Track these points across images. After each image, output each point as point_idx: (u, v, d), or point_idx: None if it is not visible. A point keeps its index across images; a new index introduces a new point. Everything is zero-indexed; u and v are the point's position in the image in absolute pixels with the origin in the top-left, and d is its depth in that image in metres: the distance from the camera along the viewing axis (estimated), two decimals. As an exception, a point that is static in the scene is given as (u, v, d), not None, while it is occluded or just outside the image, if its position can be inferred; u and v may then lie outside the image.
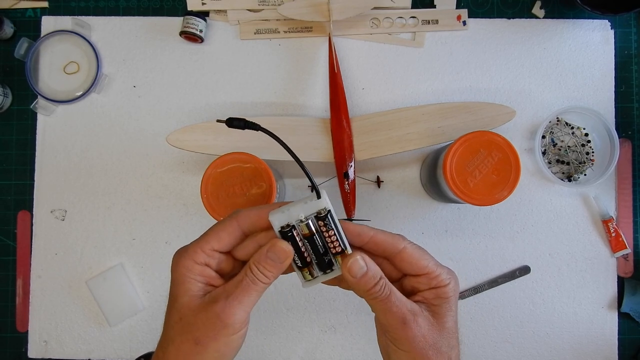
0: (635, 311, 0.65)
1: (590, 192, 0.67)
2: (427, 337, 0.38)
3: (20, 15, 0.69)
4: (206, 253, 0.39)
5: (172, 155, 0.67)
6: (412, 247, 0.40)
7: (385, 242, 0.40)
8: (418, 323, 0.38)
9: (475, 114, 0.63)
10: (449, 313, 0.40)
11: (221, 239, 0.39)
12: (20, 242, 0.67)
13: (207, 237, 0.39)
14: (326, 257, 0.39)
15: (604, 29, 0.68)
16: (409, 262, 0.39)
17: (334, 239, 0.39)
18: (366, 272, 0.38)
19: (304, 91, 0.68)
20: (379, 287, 0.38)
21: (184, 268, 0.38)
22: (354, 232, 0.40)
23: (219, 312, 0.37)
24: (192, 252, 0.39)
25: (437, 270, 0.39)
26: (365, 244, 0.40)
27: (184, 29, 0.66)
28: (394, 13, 0.68)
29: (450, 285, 0.40)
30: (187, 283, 0.38)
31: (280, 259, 0.38)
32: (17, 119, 0.68)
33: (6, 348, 0.67)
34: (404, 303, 0.39)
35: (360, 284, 0.38)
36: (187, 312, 0.38)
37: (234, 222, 0.39)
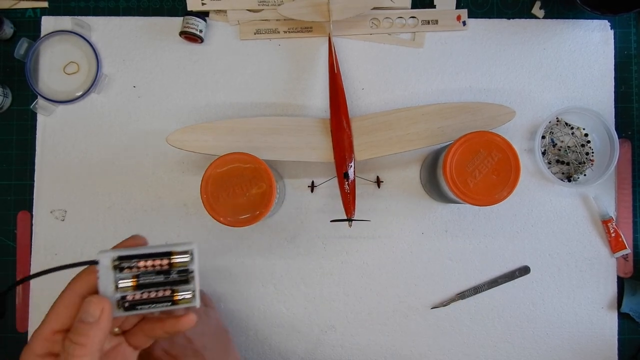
0: (635, 311, 0.65)
1: (590, 192, 0.67)
2: None
3: (20, 15, 0.69)
4: (48, 339, 0.33)
5: (172, 155, 0.67)
6: None
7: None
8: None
9: (475, 114, 0.63)
10: None
11: (60, 315, 0.34)
12: (20, 242, 0.67)
13: (45, 319, 0.34)
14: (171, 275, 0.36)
15: (603, 29, 0.68)
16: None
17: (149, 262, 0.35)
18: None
19: (304, 91, 0.68)
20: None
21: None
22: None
23: None
24: (32, 343, 0.33)
25: None
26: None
27: (184, 29, 0.66)
28: (393, 13, 0.68)
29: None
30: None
31: (93, 315, 0.32)
32: (17, 119, 0.68)
33: (6, 348, 0.67)
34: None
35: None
36: None
37: (69, 292, 0.35)
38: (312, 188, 0.67)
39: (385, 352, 0.66)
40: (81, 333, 0.32)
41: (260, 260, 0.66)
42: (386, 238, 0.67)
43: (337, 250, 0.67)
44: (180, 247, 0.36)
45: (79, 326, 0.32)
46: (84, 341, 0.32)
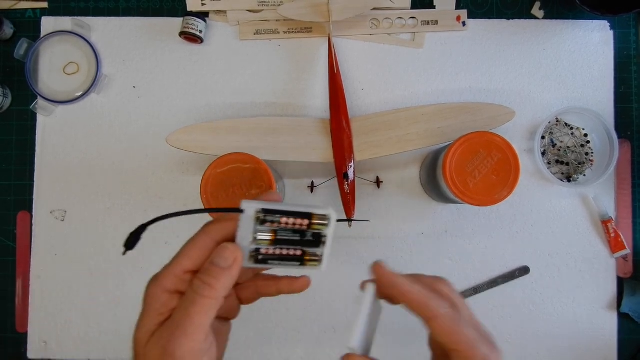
0: (634, 311, 0.65)
1: (590, 192, 0.67)
2: None
3: (20, 15, 0.69)
4: (178, 277, 0.34)
5: (172, 156, 0.67)
6: (445, 319, 0.36)
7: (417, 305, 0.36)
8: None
9: (474, 115, 0.63)
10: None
11: (192, 256, 0.34)
12: (20, 242, 0.67)
13: (177, 258, 0.35)
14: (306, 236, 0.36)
15: (603, 29, 0.69)
16: (439, 333, 0.36)
17: (291, 219, 0.35)
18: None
19: (304, 92, 0.68)
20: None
21: (149, 297, 0.34)
22: (388, 282, 0.37)
23: (165, 346, 0.32)
24: (162, 277, 0.34)
25: (470, 350, 0.35)
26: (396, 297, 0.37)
27: (184, 30, 0.66)
28: (393, 14, 0.68)
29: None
30: (147, 315, 0.34)
31: (227, 261, 0.33)
32: (16, 120, 0.68)
33: (6, 348, 0.67)
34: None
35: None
36: (139, 349, 0.34)
37: (204, 236, 0.35)
38: (312, 188, 0.67)
39: (385, 352, 0.66)
40: (213, 275, 0.33)
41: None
42: (386, 238, 0.67)
43: (337, 251, 0.67)
44: (320, 211, 0.35)
45: (211, 269, 0.33)
46: (214, 283, 0.33)
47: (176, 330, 0.32)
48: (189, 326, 0.32)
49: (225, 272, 0.33)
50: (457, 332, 0.36)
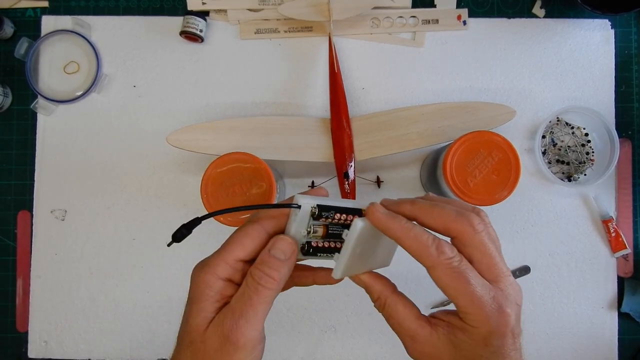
0: (635, 311, 0.65)
1: (590, 192, 0.67)
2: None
3: (20, 14, 0.69)
4: (230, 265, 0.35)
5: (172, 155, 0.67)
6: (444, 269, 0.33)
7: (413, 253, 0.34)
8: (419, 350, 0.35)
9: (475, 114, 0.63)
10: (476, 355, 0.33)
11: (246, 246, 0.35)
12: (20, 242, 0.67)
13: (229, 246, 0.35)
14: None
15: (604, 28, 0.68)
16: (437, 284, 0.34)
17: (343, 217, 0.36)
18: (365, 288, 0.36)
19: (304, 91, 0.68)
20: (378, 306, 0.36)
21: (203, 284, 0.34)
22: (383, 229, 0.35)
23: (227, 334, 0.33)
24: (214, 265, 0.35)
25: (469, 307, 0.33)
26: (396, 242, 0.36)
27: (184, 29, 0.66)
28: (394, 13, 0.68)
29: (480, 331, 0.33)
30: (203, 302, 0.34)
31: (285, 253, 0.34)
32: (17, 119, 0.68)
33: (6, 348, 0.67)
34: (404, 327, 0.35)
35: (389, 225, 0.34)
36: (196, 336, 0.34)
37: (256, 225, 0.36)
38: (312, 188, 0.67)
39: (385, 352, 0.66)
40: (273, 267, 0.34)
41: (260, 260, 0.66)
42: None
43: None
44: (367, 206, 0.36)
45: (271, 260, 0.34)
46: (275, 275, 0.34)
47: (240, 319, 0.33)
48: (252, 315, 0.34)
49: (284, 264, 0.34)
50: (457, 287, 0.33)
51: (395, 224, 0.34)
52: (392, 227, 0.34)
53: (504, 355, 0.34)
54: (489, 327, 0.33)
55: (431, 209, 0.35)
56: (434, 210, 0.35)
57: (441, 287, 0.34)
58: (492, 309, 0.33)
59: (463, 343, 0.34)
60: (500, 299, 0.33)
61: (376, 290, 0.37)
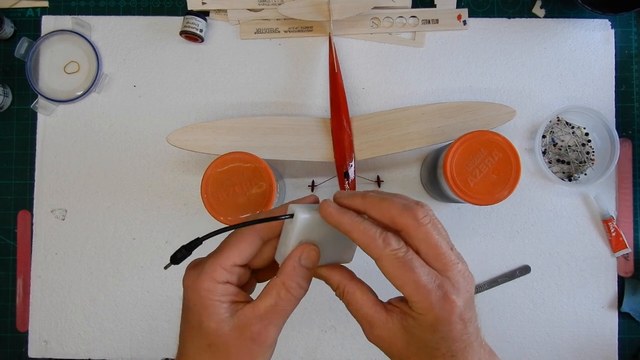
0: (635, 311, 0.65)
1: (591, 191, 0.67)
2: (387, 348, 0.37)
3: (21, 14, 0.69)
4: (227, 270, 0.36)
5: (172, 155, 0.67)
6: (389, 260, 0.34)
7: (362, 245, 0.35)
8: (376, 334, 0.37)
9: (475, 114, 0.63)
10: (428, 341, 0.35)
11: (242, 251, 0.36)
12: (20, 241, 0.67)
13: (226, 251, 0.36)
14: None
15: (604, 28, 0.68)
16: (385, 274, 0.35)
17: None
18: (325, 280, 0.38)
19: (304, 91, 0.68)
20: (338, 295, 0.38)
21: (204, 291, 0.35)
22: (333, 223, 0.36)
23: (255, 336, 0.35)
24: (212, 270, 0.35)
25: (414, 296, 0.34)
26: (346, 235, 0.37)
27: (184, 29, 0.66)
28: (394, 12, 0.68)
29: (426, 317, 0.34)
30: (212, 307, 0.35)
31: (314, 262, 0.37)
32: (17, 119, 0.68)
33: (6, 348, 0.67)
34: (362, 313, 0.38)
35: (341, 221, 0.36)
36: (216, 339, 0.35)
37: (252, 230, 0.37)
38: (312, 187, 0.67)
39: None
40: (305, 277, 0.37)
41: (260, 260, 0.66)
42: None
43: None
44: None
45: (303, 271, 0.36)
46: (305, 285, 0.37)
47: (269, 325, 0.36)
48: (282, 322, 0.37)
49: (312, 272, 0.37)
50: (401, 276, 0.34)
51: (344, 218, 0.36)
52: (342, 221, 0.36)
53: (454, 339, 0.35)
54: (434, 314, 0.34)
55: (379, 203, 0.36)
56: (382, 204, 0.36)
57: (388, 277, 0.35)
58: (437, 296, 0.34)
59: (413, 329, 0.35)
60: (446, 287, 0.34)
61: (335, 280, 0.38)
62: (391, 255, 0.34)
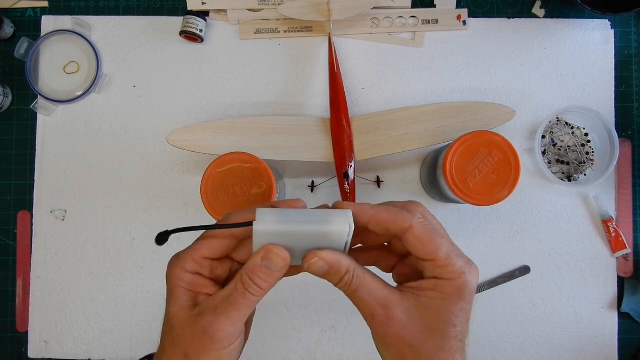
0: (635, 311, 0.65)
1: (590, 192, 0.67)
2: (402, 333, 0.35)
3: (20, 14, 0.69)
4: (197, 261, 0.37)
5: (172, 155, 0.67)
6: (420, 227, 0.36)
7: (388, 222, 0.36)
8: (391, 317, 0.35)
9: (475, 114, 0.63)
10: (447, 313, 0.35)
11: (212, 246, 0.37)
12: (20, 242, 0.67)
13: (197, 245, 0.38)
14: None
15: (604, 28, 0.68)
16: (414, 245, 0.36)
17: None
18: (328, 270, 0.36)
19: (304, 91, 0.68)
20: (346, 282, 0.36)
21: (175, 277, 0.37)
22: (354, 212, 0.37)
23: (206, 327, 0.35)
24: (184, 260, 0.37)
25: (447, 260, 0.35)
26: (366, 224, 0.37)
27: (184, 29, 0.66)
28: (394, 13, 0.68)
29: (457, 282, 0.35)
30: (177, 292, 0.37)
31: (277, 267, 0.35)
32: (17, 119, 0.68)
33: (6, 348, 0.67)
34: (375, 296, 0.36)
35: (327, 278, 0.37)
36: (176, 323, 0.36)
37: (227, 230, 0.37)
38: (312, 188, 0.67)
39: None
40: (262, 277, 0.35)
41: (260, 260, 0.66)
42: (386, 238, 0.67)
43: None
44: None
45: (262, 270, 0.35)
46: (263, 285, 0.36)
47: (220, 316, 0.35)
48: (235, 315, 0.36)
49: (274, 276, 0.36)
50: (433, 242, 0.36)
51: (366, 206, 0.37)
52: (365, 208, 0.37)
53: (467, 318, 0.36)
54: (464, 279, 0.36)
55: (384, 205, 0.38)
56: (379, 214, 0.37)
57: (419, 246, 0.36)
58: (465, 261, 0.37)
59: (434, 303, 0.36)
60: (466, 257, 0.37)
61: (344, 264, 0.36)
62: (420, 223, 0.36)
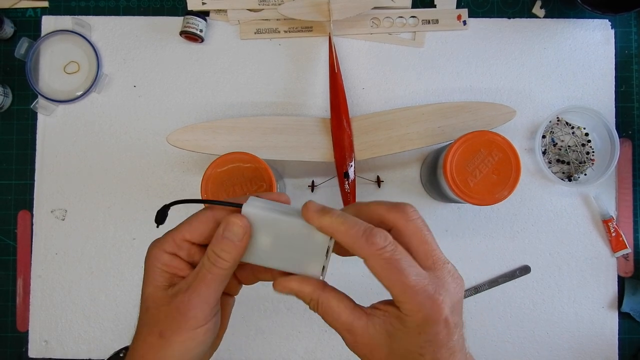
0: (635, 311, 0.65)
1: (591, 191, 0.67)
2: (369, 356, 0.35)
3: (21, 14, 0.69)
4: (176, 242, 0.37)
5: (172, 155, 0.67)
6: (375, 261, 0.33)
7: (347, 244, 0.34)
8: (357, 341, 0.35)
9: (475, 114, 0.63)
10: (411, 344, 0.34)
11: (194, 228, 0.38)
12: (20, 241, 0.67)
13: (180, 227, 0.38)
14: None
15: (604, 28, 0.68)
16: (374, 274, 0.34)
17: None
18: (294, 294, 0.36)
19: (304, 91, 0.68)
20: (311, 307, 0.36)
21: (153, 257, 0.38)
22: (317, 226, 0.35)
23: (178, 305, 0.36)
24: (164, 241, 0.38)
25: (403, 295, 0.33)
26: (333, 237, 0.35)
27: (184, 29, 0.66)
28: (394, 13, 0.68)
29: (416, 317, 0.33)
30: (153, 272, 0.37)
31: (237, 235, 0.35)
32: (17, 119, 0.68)
33: (7, 348, 0.67)
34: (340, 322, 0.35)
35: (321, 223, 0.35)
36: (151, 303, 0.37)
37: (207, 211, 0.38)
38: (312, 188, 0.67)
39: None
40: (225, 249, 0.36)
41: (260, 260, 0.66)
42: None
43: (338, 250, 0.67)
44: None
45: (223, 242, 0.36)
46: (226, 257, 0.36)
47: (192, 294, 0.36)
48: (204, 291, 0.36)
49: (236, 246, 0.36)
50: (389, 278, 0.33)
51: (325, 219, 0.35)
52: (323, 223, 0.35)
53: (440, 345, 0.34)
54: (422, 315, 0.33)
55: (367, 205, 0.37)
56: (370, 205, 0.36)
57: (376, 277, 0.34)
58: (426, 296, 0.33)
59: (398, 332, 0.34)
60: (435, 286, 0.34)
61: (307, 293, 0.36)
62: (377, 255, 0.33)
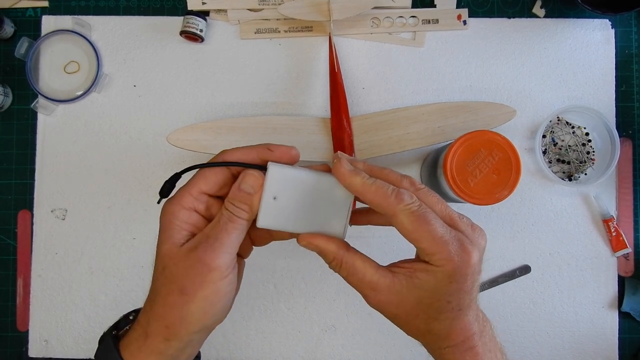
0: (635, 310, 0.65)
1: (591, 191, 0.67)
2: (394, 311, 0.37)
3: (21, 14, 0.69)
4: (193, 196, 0.37)
5: (173, 155, 0.67)
6: (404, 216, 0.35)
7: (373, 203, 0.36)
8: (381, 299, 0.37)
9: (475, 114, 0.63)
10: (440, 292, 0.35)
11: (208, 180, 0.38)
12: (20, 241, 0.67)
13: (194, 180, 0.38)
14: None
15: (604, 28, 0.68)
16: (400, 231, 0.36)
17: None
18: (317, 252, 0.38)
19: (304, 91, 0.68)
20: (334, 266, 0.37)
21: (169, 214, 0.37)
22: (345, 184, 0.37)
23: (201, 256, 0.36)
24: (180, 196, 0.37)
25: (434, 247, 0.35)
26: (357, 196, 0.38)
27: (184, 29, 0.66)
28: (394, 12, 0.68)
29: (446, 268, 0.35)
30: (171, 229, 0.37)
31: (253, 187, 0.37)
32: (17, 119, 0.68)
33: (7, 347, 0.67)
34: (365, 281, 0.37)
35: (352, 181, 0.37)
36: (169, 261, 0.37)
37: (219, 160, 0.38)
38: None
39: (386, 351, 0.66)
40: (243, 200, 0.37)
41: (260, 259, 0.66)
42: (386, 237, 0.67)
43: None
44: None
45: (241, 194, 0.37)
46: (245, 208, 0.37)
47: (214, 243, 0.36)
48: (226, 240, 0.36)
49: (253, 197, 0.37)
50: (418, 231, 0.35)
51: (356, 179, 0.37)
52: (354, 183, 0.37)
53: (466, 291, 0.36)
54: (453, 265, 0.35)
55: (381, 169, 0.39)
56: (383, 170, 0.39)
57: (404, 233, 0.36)
58: (455, 247, 0.35)
59: (426, 284, 0.36)
60: (462, 238, 0.36)
61: (330, 251, 0.38)
62: (405, 210, 0.35)
